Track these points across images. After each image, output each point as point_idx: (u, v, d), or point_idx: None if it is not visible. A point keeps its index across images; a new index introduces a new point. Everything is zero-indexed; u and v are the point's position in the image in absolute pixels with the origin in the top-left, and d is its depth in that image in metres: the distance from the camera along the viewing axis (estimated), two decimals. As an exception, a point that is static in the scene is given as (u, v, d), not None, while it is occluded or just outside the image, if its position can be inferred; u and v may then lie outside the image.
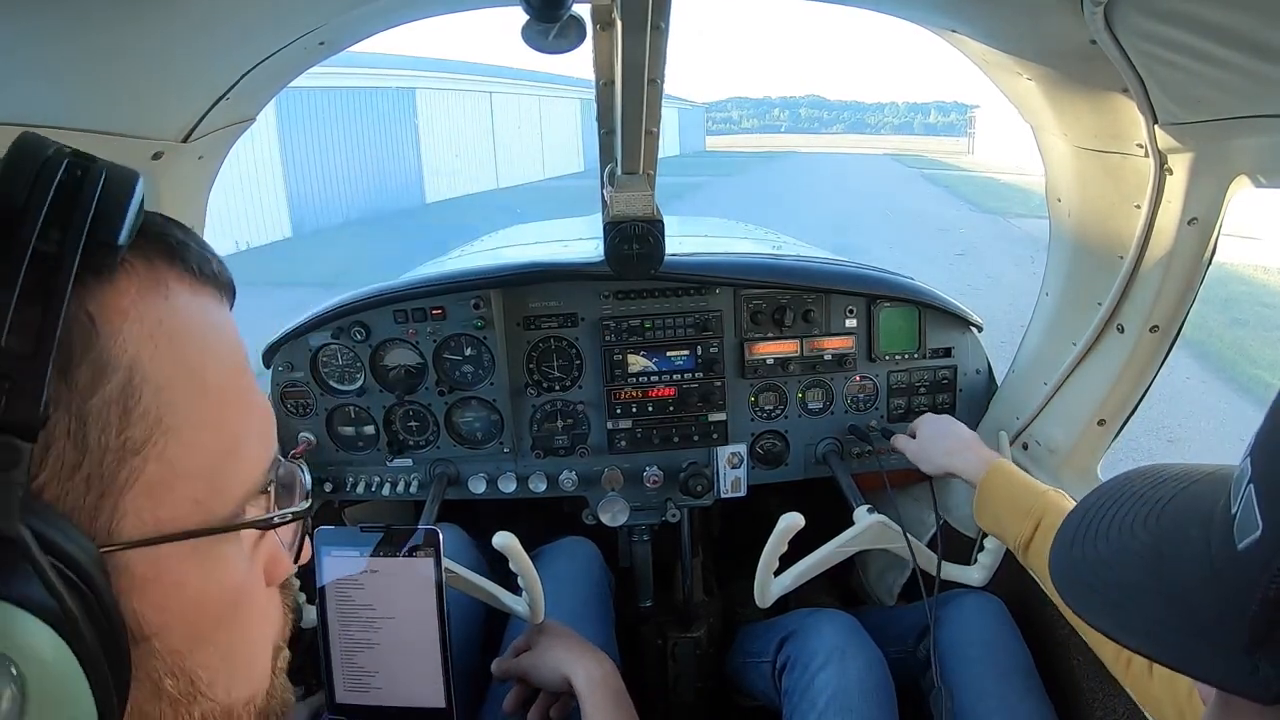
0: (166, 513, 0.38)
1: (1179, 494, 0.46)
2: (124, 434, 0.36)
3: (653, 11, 0.70)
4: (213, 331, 0.42)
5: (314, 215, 14.45)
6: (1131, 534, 0.46)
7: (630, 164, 1.08)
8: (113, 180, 0.37)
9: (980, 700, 1.18)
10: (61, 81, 0.73)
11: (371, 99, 16.34)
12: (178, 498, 0.39)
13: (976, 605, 1.31)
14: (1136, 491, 0.48)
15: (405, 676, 1.02)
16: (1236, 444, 2.03)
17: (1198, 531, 0.41)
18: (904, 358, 1.61)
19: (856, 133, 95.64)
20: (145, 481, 0.37)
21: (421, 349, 1.51)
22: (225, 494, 0.41)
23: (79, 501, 0.35)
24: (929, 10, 1.09)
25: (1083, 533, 0.49)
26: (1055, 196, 1.25)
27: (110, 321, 0.36)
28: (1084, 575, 0.47)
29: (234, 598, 0.43)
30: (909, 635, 1.38)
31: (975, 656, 1.24)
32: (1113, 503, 0.49)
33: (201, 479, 0.40)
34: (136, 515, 0.37)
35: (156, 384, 0.37)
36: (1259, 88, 0.75)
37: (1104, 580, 0.45)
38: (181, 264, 0.41)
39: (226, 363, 0.43)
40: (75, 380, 0.35)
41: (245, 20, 0.85)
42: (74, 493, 0.35)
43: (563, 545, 1.53)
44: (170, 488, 0.38)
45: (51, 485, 0.34)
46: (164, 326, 0.38)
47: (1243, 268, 9.43)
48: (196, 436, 0.39)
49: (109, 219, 0.36)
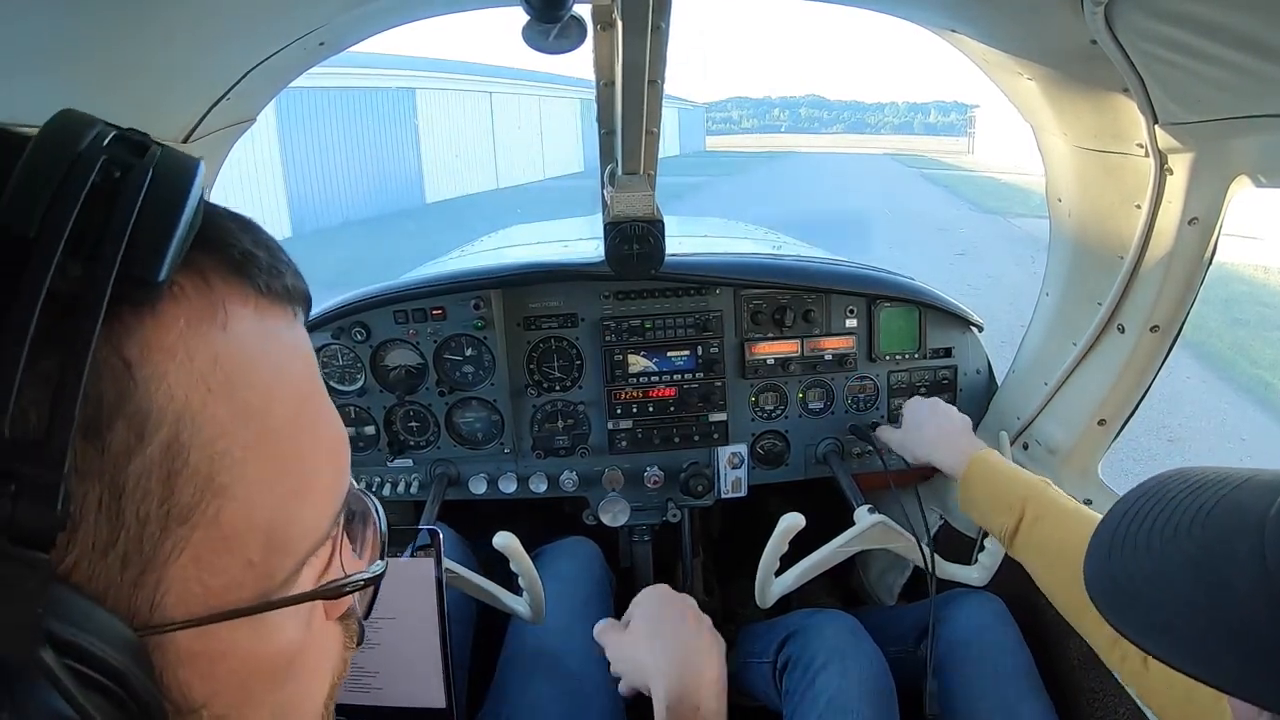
0: (217, 580, 0.32)
1: (1221, 501, 0.43)
2: (168, 502, 0.30)
3: (653, 12, 0.70)
4: (280, 361, 0.35)
5: (314, 215, 14.44)
6: (1175, 544, 0.43)
7: (630, 164, 1.08)
8: (162, 183, 0.30)
9: (980, 700, 1.18)
10: (60, 82, 0.73)
11: (371, 99, 16.34)
12: (230, 564, 0.33)
13: (977, 605, 1.31)
14: (1173, 496, 0.46)
15: (405, 676, 1.02)
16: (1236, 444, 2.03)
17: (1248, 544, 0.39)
18: (904, 358, 1.61)
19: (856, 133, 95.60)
20: (193, 551, 0.31)
21: (422, 349, 1.51)
22: (286, 549, 0.35)
23: (114, 579, 0.29)
24: (929, 10, 1.09)
25: (1120, 539, 0.46)
26: (1055, 196, 1.25)
27: (152, 365, 0.29)
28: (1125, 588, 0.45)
29: (289, 659, 0.37)
30: (909, 635, 1.38)
31: (976, 656, 1.24)
32: (1150, 508, 0.47)
33: (259, 536, 0.33)
34: (182, 587, 0.31)
35: (209, 437, 0.31)
36: (1259, 88, 0.75)
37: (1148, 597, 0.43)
38: (247, 280, 0.34)
39: (294, 394, 0.35)
40: (108, 444, 0.28)
41: (245, 20, 0.85)
42: (108, 572, 0.29)
43: (563, 545, 1.53)
44: (222, 553, 0.32)
45: (81, 565, 0.29)
46: (220, 364, 0.31)
47: (1243, 268, 9.43)
48: (256, 493, 0.33)
49: (150, 247, 0.29)
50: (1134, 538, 0.46)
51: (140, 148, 0.31)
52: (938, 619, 1.30)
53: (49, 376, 0.26)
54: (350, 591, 0.40)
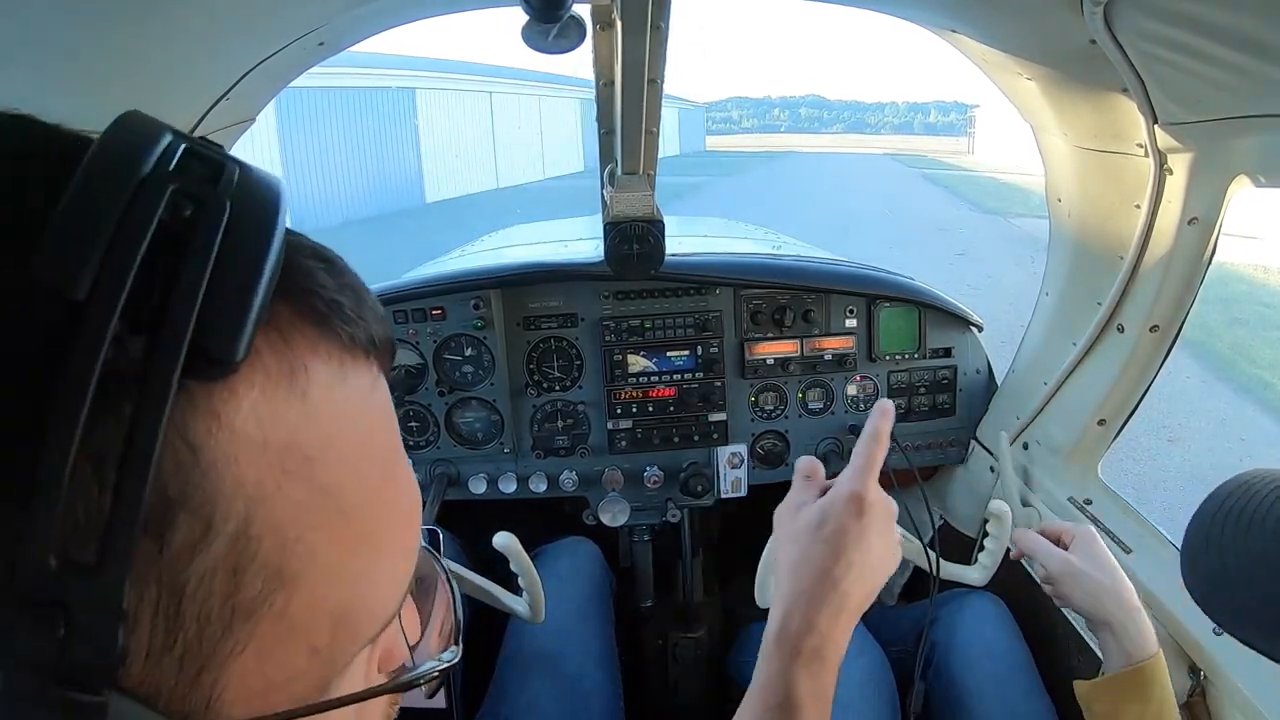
0: (279, 672, 0.28)
1: None
2: (232, 599, 0.26)
3: (653, 11, 0.70)
4: (364, 428, 0.30)
5: (314, 215, 14.43)
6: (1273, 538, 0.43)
7: (630, 164, 1.08)
8: (242, 224, 0.24)
9: (981, 700, 1.18)
10: (60, 83, 0.73)
11: (371, 99, 16.34)
12: (294, 650, 0.29)
13: (977, 605, 1.31)
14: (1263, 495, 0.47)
15: (405, 677, 1.02)
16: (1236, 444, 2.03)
17: None
18: (904, 358, 1.61)
19: (856, 132, 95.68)
20: (256, 645, 0.27)
21: (421, 349, 1.51)
22: (355, 633, 0.31)
23: (170, 681, 0.26)
24: (929, 10, 1.09)
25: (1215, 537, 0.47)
26: (1055, 196, 1.25)
27: (221, 448, 0.24)
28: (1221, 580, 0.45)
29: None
30: (909, 635, 1.38)
31: (976, 656, 1.24)
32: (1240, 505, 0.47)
33: (327, 623, 0.29)
34: (241, 682, 0.27)
35: (280, 523, 0.26)
36: (1259, 88, 0.75)
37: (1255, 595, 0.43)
38: (330, 334, 0.28)
39: (376, 467, 0.31)
40: (168, 541, 0.24)
41: (245, 20, 0.85)
42: (164, 674, 0.25)
43: (563, 545, 1.53)
44: (288, 643, 0.28)
45: (133, 669, 0.25)
46: (299, 441, 0.27)
47: (1243, 268, 9.43)
48: (326, 577, 0.28)
49: (228, 314, 0.23)
50: (1228, 535, 0.47)
51: (215, 167, 0.25)
52: (935, 619, 1.30)
53: (105, 483, 0.21)
54: (422, 684, 0.36)
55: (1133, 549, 1.17)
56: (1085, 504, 1.30)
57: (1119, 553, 1.18)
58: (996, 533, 1.21)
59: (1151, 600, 1.08)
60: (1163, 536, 1.17)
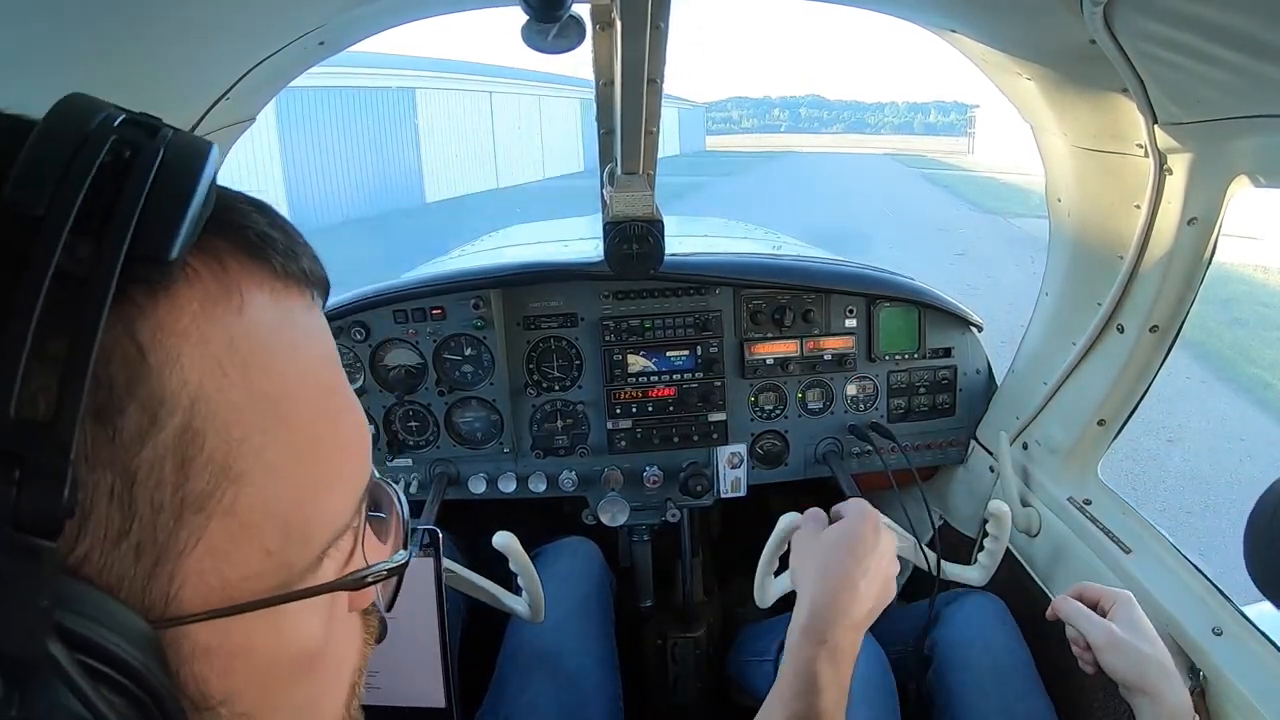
0: (235, 571, 0.31)
1: None
2: (182, 489, 0.29)
3: (652, 11, 0.70)
4: (298, 345, 0.34)
5: (314, 215, 14.42)
6: None
7: (630, 164, 1.08)
8: (170, 168, 0.29)
9: (981, 699, 1.18)
10: (61, 82, 0.73)
11: (371, 99, 16.34)
12: (247, 554, 0.32)
13: (977, 605, 1.31)
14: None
15: (405, 676, 1.02)
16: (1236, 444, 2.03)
17: None
18: (904, 358, 1.61)
19: (856, 132, 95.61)
20: (209, 541, 0.30)
21: (421, 349, 1.51)
22: (306, 539, 0.34)
23: (128, 571, 0.28)
24: (929, 10, 1.09)
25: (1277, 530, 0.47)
26: (1055, 196, 1.25)
27: (165, 349, 0.28)
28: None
29: (310, 655, 0.36)
30: (909, 635, 1.38)
31: (976, 655, 1.24)
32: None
33: (277, 529, 0.32)
34: (199, 578, 0.30)
35: (225, 422, 0.30)
36: (1259, 88, 0.75)
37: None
38: (263, 263, 0.33)
39: (314, 382, 0.35)
40: (119, 429, 0.27)
41: (245, 20, 0.85)
42: (121, 563, 0.28)
43: (563, 545, 1.53)
44: (238, 543, 0.31)
45: (93, 556, 0.28)
46: (236, 347, 0.30)
47: (1243, 268, 9.43)
48: (273, 481, 0.32)
49: (160, 226, 0.28)
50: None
51: (151, 130, 0.30)
52: (938, 618, 1.30)
53: (57, 358, 0.25)
54: (373, 582, 0.39)
55: (1132, 549, 1.17)
56: (1085, 504, 1.30)
57: (1119, 553, 1.18)
58: (996, 533, 1.21)
59: (1151, 600, 1.08)
60: (1162, 537, 1.17)
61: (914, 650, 1.36)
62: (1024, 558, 1.41)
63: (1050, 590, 1.33)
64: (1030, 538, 1.40)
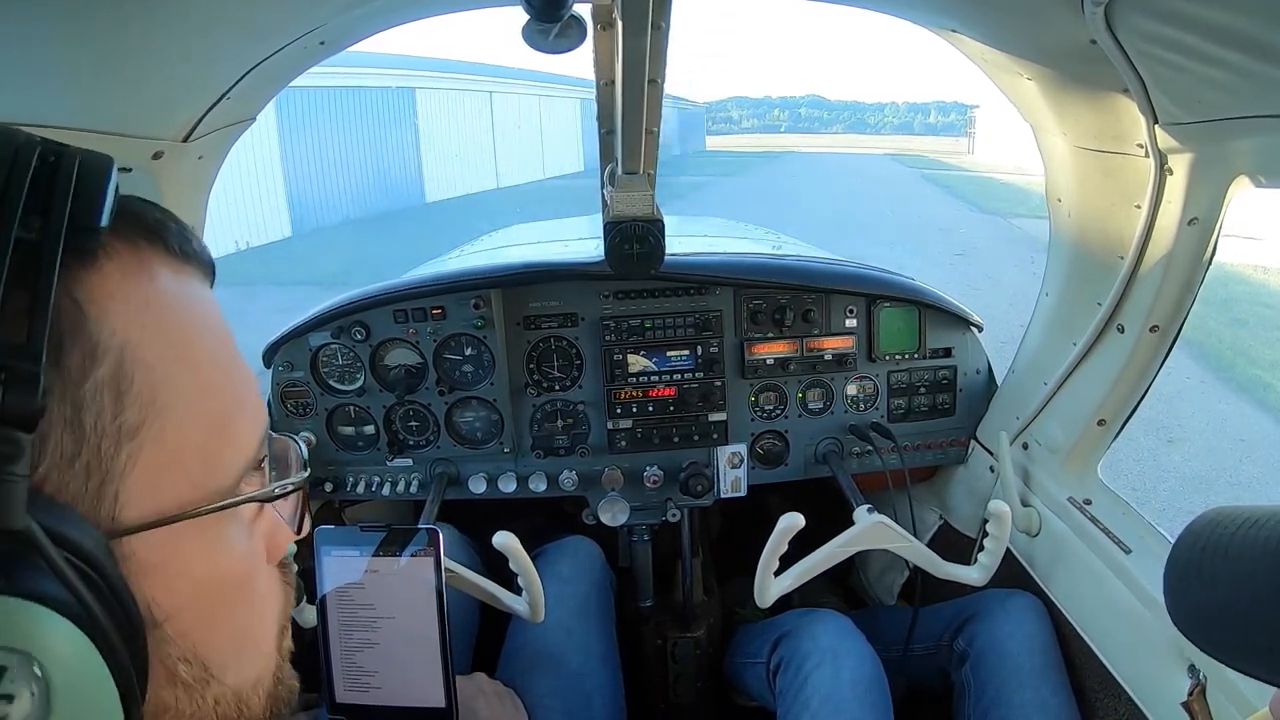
0: (167, 497, 0.39)
1: None
2: (119, 418, 0.37)
3: (653, 11, 0.70)
4: (198, 308, 0.43)
5: (314, 215, 14.44)
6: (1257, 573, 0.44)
7: (630, 164, 1.08)
8: (87, 166, 0.37)
9: (1018, 693, 1.20)
10: (62, 82, 0.73)
11: (371, 99, 16.33)
12: (176, 479, 0.39)
13: (1010, 603, 1.32)
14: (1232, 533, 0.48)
15: (405, 676, 1.02)
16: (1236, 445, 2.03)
17: None
18: (904, 358, 1.61)
19: (856, 133, 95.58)
20: (144, 465, 0.37)
21: (422, 349, 1.51)
22: (222, 469, 0.42)
23: (80, 490, 0.35)
24: (929, 10, 1.09)
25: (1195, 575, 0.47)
26: (1055, 197, 1.25)
27: (97, 305, 0.36)
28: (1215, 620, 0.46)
29: (239, 578, 0.44)
30: (944, 632, 1.39)
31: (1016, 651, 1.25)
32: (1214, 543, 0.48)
33: (198, 457, 0.40)
34: (138, 501, 0.37)
35: (148, 364, 0.38)
36: (1259, 88, 0.75)
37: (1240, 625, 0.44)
38: (163, 244, 0.42)
39: (214, 337, 0.43)
40: (67, 367, 0.35)
41: (245, 20, 0.85)
42: (75, 482, 0.35)
43: (563, 545, 1.53)
44: (168, 469, 0.39)
45: (52, 476, 0.35)
46: (151, 306, 0.39)
47: (1243, 268, 9.43)
48: (190, 413, 0.40)
49: (88, 203, 0.36)
50: (1210, 572, 0.47)
51: (62, 147, 0.37)
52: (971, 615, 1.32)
53: (22, 300, 0.32)
54: (279, 495, 0.47)
55: (1132, 549, 1.17)
56: (1085, 504, 1.30)
57: (1119, 553, 1.18)
58: (996, 533, 1.21)
59: (1151, 601, 1.08)
60: (1162, 537, 1.17)
61: (949, 645, 1.36)
62: (1024, 558, 1.41)
63: (1050, 590, 1.33)
64: (1030, 538, 1.40)
